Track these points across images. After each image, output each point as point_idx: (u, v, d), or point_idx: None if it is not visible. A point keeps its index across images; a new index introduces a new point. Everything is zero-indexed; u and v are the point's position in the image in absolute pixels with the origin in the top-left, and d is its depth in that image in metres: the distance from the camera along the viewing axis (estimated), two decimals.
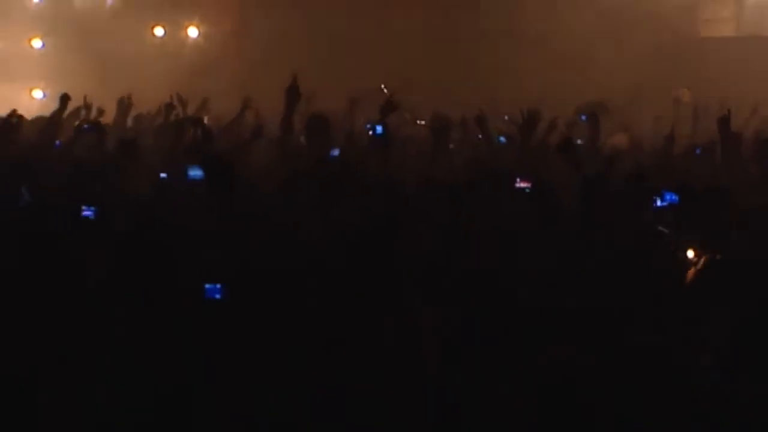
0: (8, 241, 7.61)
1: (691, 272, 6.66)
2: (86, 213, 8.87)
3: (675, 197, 8.57)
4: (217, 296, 7.14)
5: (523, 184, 9.66)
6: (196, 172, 9.12)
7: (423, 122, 17.64)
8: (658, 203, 8.85)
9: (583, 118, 13.90)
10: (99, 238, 8.02)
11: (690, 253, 6.92)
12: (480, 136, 13.52)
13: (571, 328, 6.43)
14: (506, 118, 14.22)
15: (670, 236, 7.68)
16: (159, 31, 25.52)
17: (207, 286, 7.21)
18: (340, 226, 7.89)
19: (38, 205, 9.02)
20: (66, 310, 6.47)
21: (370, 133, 12.40)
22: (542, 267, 7.31)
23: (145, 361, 6.07)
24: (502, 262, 7.33)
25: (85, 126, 13.81)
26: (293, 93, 11.33)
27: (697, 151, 12.40)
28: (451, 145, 13.38)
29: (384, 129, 12.01)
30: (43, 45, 25.41)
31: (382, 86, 19.10)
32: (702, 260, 6.62)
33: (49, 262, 7.27)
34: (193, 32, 25.62)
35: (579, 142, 12.92)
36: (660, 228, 7.74)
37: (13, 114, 14.03)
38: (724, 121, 12.06)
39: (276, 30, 24.83)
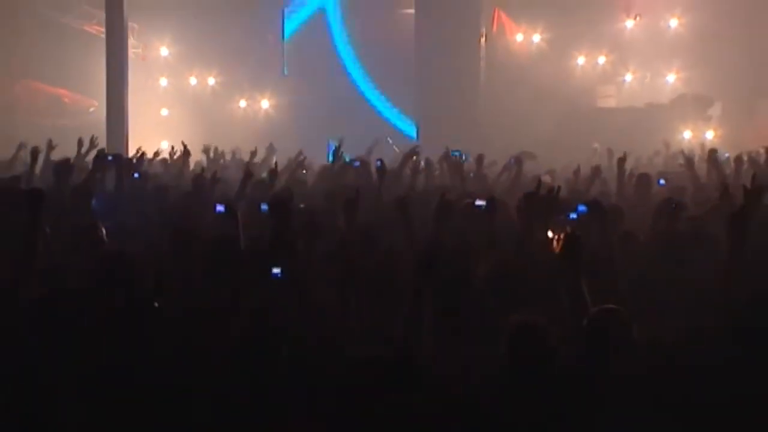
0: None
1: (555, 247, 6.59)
2: (219, 209, 9.14)
3: (585, 208, 8.86)
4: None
5: (479, 202, 9.85)
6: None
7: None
8: (572, 215, 9.05)
9: (512, 161, 15.48)
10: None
11: (549, 233, 7.02)
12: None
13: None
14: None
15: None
16: (242, 103, 27.76)
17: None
18: None
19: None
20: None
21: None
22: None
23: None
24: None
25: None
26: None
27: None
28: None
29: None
30: (168, 113, 27.92)
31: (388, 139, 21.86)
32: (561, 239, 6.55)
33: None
34: (264, 104, 27.68)
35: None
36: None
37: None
38: (621, 161, 13.39)
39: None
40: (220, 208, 9.12)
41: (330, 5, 27.70)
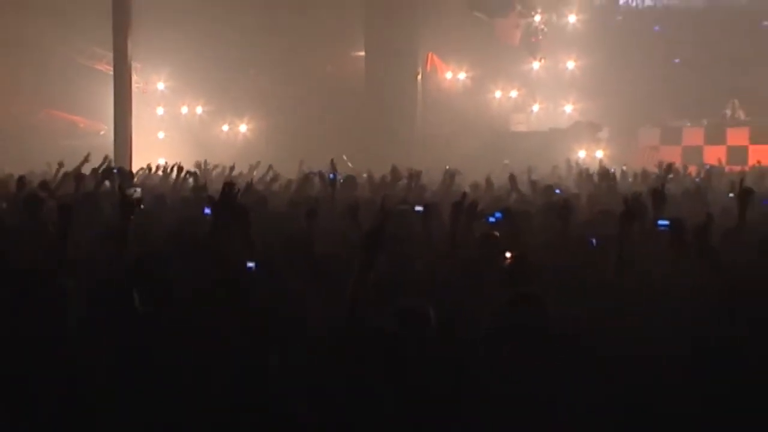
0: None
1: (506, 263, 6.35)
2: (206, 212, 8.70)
3: (500, 214, 8.80)
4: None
5: (418, 208, 9.47)
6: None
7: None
8: (491, 219, 8.90)
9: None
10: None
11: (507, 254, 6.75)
12: None
13: None
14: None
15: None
16: (225, 128, 27.61)
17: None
18: None
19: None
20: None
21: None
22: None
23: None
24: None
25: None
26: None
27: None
28: None
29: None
30: (164, 135, 27.80)
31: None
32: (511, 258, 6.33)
33: None
34: (243, 128, 27.40)
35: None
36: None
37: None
38: (531, 177, 13.66)
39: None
40: (207, 210, 8.74)
41: None
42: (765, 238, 7.40)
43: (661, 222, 7.04)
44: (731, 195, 11.17)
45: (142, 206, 8.93)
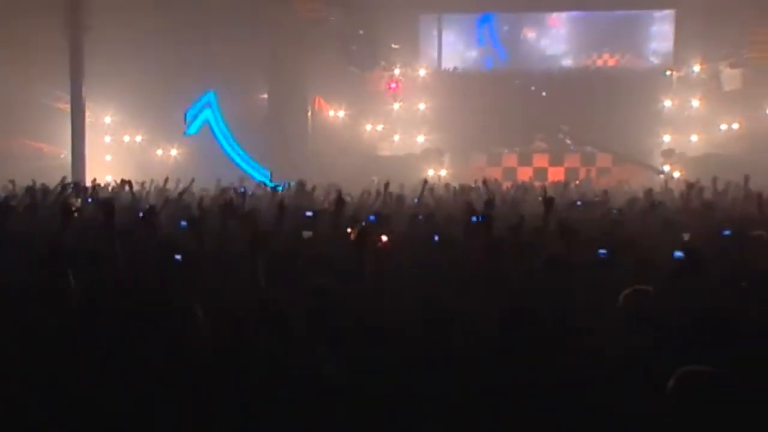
0: None
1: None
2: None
3: (374, 217, 8.66)
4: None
5: (308, 213, 9.55)
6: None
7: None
8: (371, 218, 8.76)
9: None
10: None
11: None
12: None
13: None
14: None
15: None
16: (159, 152, 26.48)
17: None
18: None
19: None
20: None
21: None
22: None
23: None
24: None
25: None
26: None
27: None
28: None
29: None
30: (110, 158, 26.88)
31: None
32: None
33: None
34: (173, 152, 26.42)
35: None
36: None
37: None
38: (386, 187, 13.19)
39: None
40: (141, 214, 9.03)
41: (212, 96, 26.86)
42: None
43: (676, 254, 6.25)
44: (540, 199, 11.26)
45: (76, 215, 8.65)
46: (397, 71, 26.98)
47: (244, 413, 3.98)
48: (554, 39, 27.37)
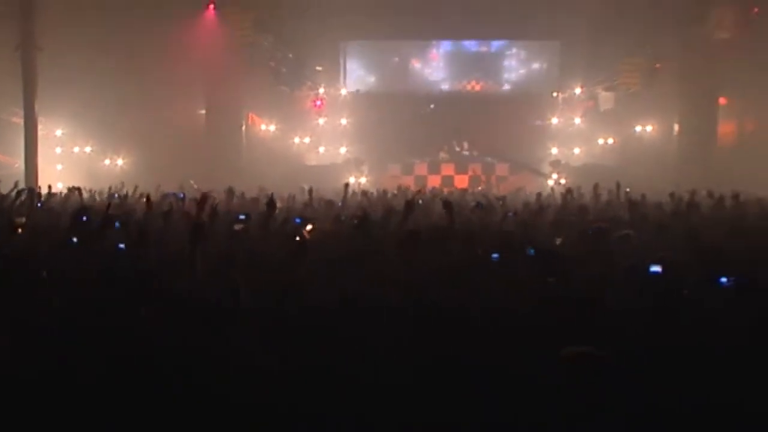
0: None
1: None
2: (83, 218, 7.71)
3: (300, 219, 8.28)
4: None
5: (241, 216, 9.06)
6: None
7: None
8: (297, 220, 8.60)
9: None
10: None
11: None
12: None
13: None
14: None
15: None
16: (107, 162, 25.95)
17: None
18: None
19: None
20: None
21: None
22: None
23: None
24: None
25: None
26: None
27: None
28: None
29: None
30: (61, 167, 25.93)
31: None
32: None
33: None
34: (119, 162, 25.89)
35: None
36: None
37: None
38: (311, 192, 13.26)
39: None
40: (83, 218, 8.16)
41: None
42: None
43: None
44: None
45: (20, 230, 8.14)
46: (321, 90, 27.14)
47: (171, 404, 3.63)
48: (434, 69, 28.20)
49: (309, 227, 7.39)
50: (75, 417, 3.50)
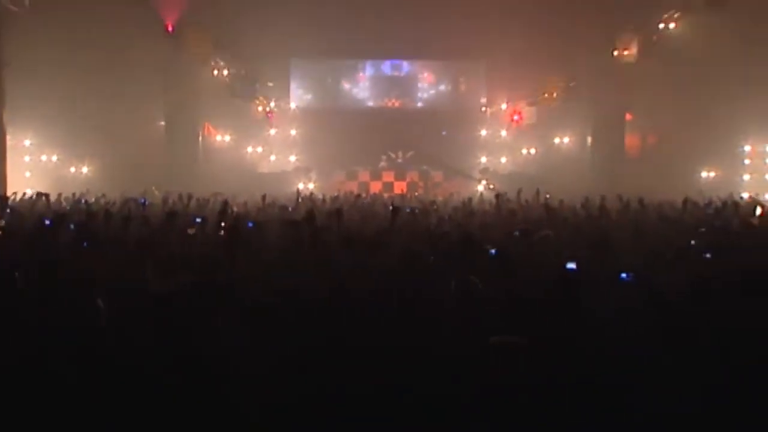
0: None
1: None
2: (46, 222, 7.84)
3: (252, 223, 8.26)
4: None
5: (198, 219, 9.22)
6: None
7: None
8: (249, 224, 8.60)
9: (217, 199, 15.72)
10: None
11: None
12: None
13: None
14: None
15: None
16: (72, 169, 25.23)
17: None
18: None
19: None
20: None
21: None
22: None
23: None
24: None
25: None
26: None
27: None
28: None
29: None
30: (29, 174, 25.16)
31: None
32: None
33: None
34: (84, 170, 25.27)
35: None
36: None
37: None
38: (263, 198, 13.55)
39: None
40: (47, 222, 8.56)
41: None
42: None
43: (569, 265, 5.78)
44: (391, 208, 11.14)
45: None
46: (272, 104, 26.93)
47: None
48: (361, 88, 28.16)
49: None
50: None
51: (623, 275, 4.70)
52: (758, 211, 11.15)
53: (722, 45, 18.72)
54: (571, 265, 5.48)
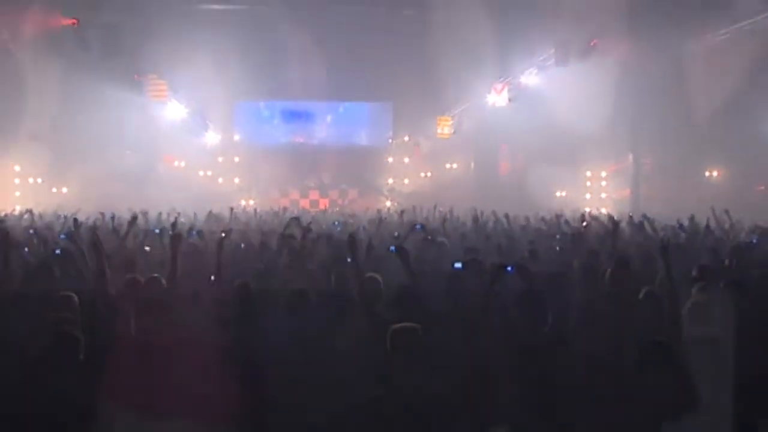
0: None
1: None
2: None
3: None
4: None
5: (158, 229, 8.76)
6: None
7: None
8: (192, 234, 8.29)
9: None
10: None
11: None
12: None
13: None
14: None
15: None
16: (53, 190, 24.15)
17: None
18: None
19: None
20: None
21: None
22: None
23: None
24: None
25: None
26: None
27: None
28: None
29: None
30: (19, 194, 23.85)
31: None
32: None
33: None
34: (64, 190, 23.83)
35: None
36: None
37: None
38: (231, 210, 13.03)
39: None
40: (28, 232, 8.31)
41: None
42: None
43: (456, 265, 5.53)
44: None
45: None
46: (220, 136, 26.52)
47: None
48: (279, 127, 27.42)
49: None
50: None
51: (509, 268, 4.46)
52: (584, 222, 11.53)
53: (569, 94, 19.14)
54: (458, 265, 5.53)
